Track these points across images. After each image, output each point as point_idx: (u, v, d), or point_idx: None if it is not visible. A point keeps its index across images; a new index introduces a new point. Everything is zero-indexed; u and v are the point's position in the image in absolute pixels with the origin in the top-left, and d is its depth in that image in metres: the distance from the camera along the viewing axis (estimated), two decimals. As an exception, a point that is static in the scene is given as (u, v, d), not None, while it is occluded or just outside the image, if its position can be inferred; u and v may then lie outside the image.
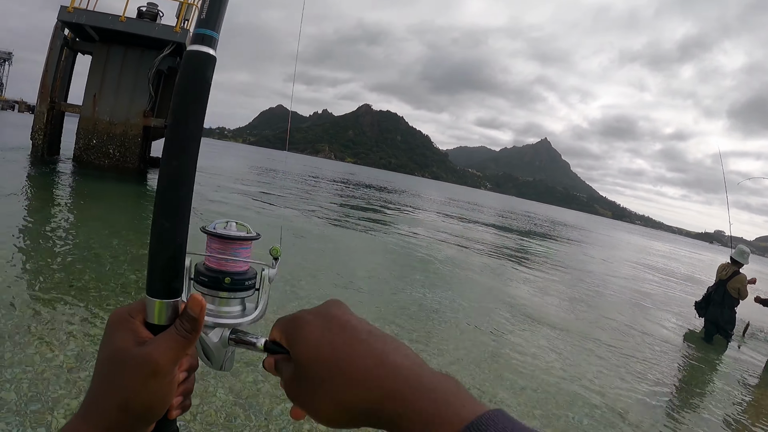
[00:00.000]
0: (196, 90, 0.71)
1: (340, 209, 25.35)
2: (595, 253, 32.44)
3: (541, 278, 15.76)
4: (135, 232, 11.86)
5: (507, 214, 62.99)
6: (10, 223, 10.13)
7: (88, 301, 6.77)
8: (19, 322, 5.69)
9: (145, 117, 22.33)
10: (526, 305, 11.35)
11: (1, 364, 4.75)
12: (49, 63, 21.11)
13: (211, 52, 0.71)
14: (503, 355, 7.89)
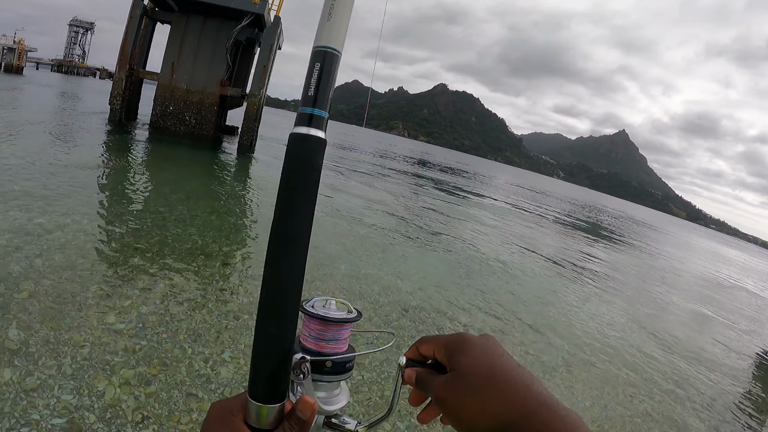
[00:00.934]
0: (305, 179, 0.64)
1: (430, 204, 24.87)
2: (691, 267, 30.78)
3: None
4: (205, 197, 11.86)
5: (587, 208, 60.99)
6: (85, 184, 10.25)
7: (152, 265, 6.65)
8: (83, 285, 5.56)
9: (222, 86, 22.54)
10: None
11: (61, 327, 4.59)
12: (128, 31, 21.59)
13: (322, 135, 0.65)
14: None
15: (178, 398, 4.02)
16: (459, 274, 9.93)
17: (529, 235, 18.38)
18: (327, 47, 0.67)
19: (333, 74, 0.67)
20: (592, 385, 6.28)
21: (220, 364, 4.60)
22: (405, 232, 12.62)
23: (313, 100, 0.65)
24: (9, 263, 5.67)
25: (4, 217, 7.12)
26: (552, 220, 27.83)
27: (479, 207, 23.79)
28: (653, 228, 59.98)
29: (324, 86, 0.66)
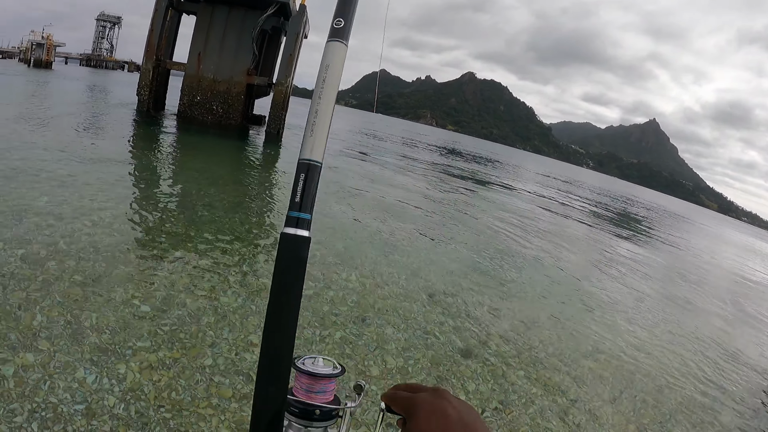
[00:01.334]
0: (294, 271, 0.78)
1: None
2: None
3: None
4: (232, 183, 11.86)
5: (619, 199, 59.96)
6: (113, 171, 10.26)
7: (179, 247, 6.60)
8: (108, 267, 5.51)
9: (249, 75, 22.58)
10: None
11: (85, 309, 4.52)
12: (154, 22, 21.72)
13: (306, 234, 0.78)
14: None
15: (200, 383, 3.91)
16: (487, 263, 9.71)
17: (561, 226, 18.01)
18: (310, 160, 0.81)
19: (315, 182, 0.81)
20: (620, 377, 6.04)
21: (245, 350, 4.49)
22: (435, 221, 12.41)
23: (299, 205, 0.79)
24: (35, 246, 5.64)
25: (33, 201, 7.13)
26: (584, 211, 27.32)
27: (509, 196, 23.44)
28: (687, 221, 58.71)
29: (307, 193, 0.80)
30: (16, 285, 4.69)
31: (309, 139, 0.82)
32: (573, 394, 5.13)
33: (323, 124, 0.83)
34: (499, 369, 5.25)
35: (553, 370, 5.58)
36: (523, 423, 4.39)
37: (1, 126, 12.44)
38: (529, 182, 37.05)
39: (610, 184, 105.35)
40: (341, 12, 0.88)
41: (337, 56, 0.86)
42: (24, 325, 4.11)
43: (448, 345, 5.54)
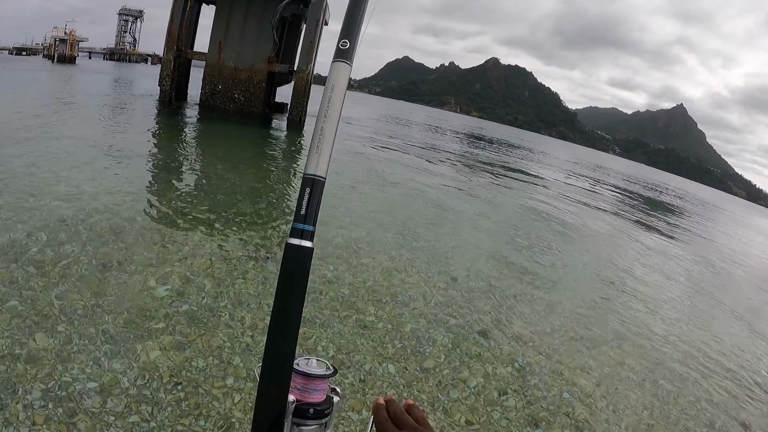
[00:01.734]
0: (298, 280, 0.83)
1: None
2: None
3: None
4: (254, 167, 11.93)
5: (647, 186, 58.97)
6: (137, 159, 10.37)
7: (198, 230, 6.64)
8: (127, 251, 5.55)
9: (270, 63, 22.59)
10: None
11: (103, 293, 4.55)
12: (174, 13, 21.83)
13: (310, 245, 0.83)
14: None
15: (213, 364, 3.91)
16: (514, 250, 9.58)
17: (591, 214, 17.72)
18: (315, 175, 0.86)
19: (319, 196, 0.86)
20: (643, 365, 5.90)
21: (262, 332, 4.48)
22: (460, 208, 12.27)
23: (304, 218, 0.84)
24: (56, 230, 5.70)
25: (54, 187, 7.21)
26: (613, 199, 26.87)
27: (537, 185, 23.12)
28: (717, 209, 57.40)
29: (312, 206, 0.85)
30: (37, 270, 4.73)
31: (314, 156, 0.87)
32: (594, 379, 5.03)
33: (328, 142, 0.88)
34: (519, 352, 5.17)
35: (575, 354, 5.48)
36: (542, 408, 4.31)
37: (29, 119, 12.63)
38: (556, 169, 36.52)
39: (637, 170, 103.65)
40: (347, 33, 0.91)
41: (341, 76, 0.89)
42: (41, 308, 4.15)
43: (467, 326, 5.47)
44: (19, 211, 6.11)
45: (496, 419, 4.01)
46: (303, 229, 0.83)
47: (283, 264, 0.83)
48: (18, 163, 8.15)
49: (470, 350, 4.98)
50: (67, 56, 52.82)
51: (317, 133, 0.88)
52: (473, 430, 3.84)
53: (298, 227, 0.84)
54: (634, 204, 26.43)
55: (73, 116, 14.38)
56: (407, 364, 4.50)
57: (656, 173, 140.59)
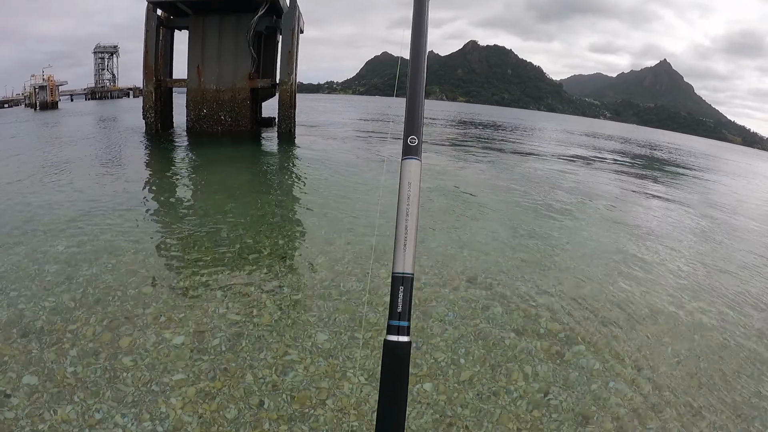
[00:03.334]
0: (399, 375, 0.84)
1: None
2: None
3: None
4: (252, 193, 11.73)
5: (642, 146, 58.68)
6: (131, 201, 10.18)
7: (205, 273, 6.43)
8: (136, 304, 5.37)
9: (251, 79, 22.46)
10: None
11: (117, 352, 4.38)
12: (148, 44, 21.68)
13: (407, 339, 0.87)
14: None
15: (244, 411, 3.74)
16: (522, 234, 9.37)
17: (590, 180, 17.53)
18: (404, 273, 0.88)
19: (410, 291, 0.88)
20: (681, 338, 5.71)
21: (286, 367, 4.30)
22: (461, 199, 12.07)
23: (399, 315, 0.87)
24: (60, 294, 5.53)
25: (52, 247, 7.04)
26: (611, 162, 26.71)
27: (530, 159, 22.95)
28: (715, 158, 57.23)
29: (405, 303, 0.88)
30: (48, 339, 4.56)
31: (401, 254, 0.88)
32: (636, 362, 4.84)
33: (411, 238, 0.90)
34: (554, 347, 4.98)
35: (610, 339, 5.28)
36: (589, 401, 4.13)
37: (19, 174, 12.47)
38: (550, 142, 36.32)
39: (630, 131, 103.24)
40: (412, 130, 0.93)
41: (414, 173, 0.90)
42: (58, 379, 3.98)
43: (499, 328, 5.28)
44: (21, 279, 5.96)
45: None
46: (399, 325, 0.86)
47: (384, 360, 0.84)
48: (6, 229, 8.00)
49: (505, 354, 4.80)
50: (49, 102, 52.56)
51: (401, 231, 0.89)
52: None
53: (395, 324, 0.87)
54: (635, 165, 26.20)
55: (63, 167, 14.19)
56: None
57: (650, 132, 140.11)
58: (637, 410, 4.07)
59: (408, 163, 0.90)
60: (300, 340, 4.77)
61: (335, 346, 4.68)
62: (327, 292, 5.92)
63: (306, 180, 13.76)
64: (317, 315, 5.31)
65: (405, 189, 0.89)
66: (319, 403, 3.87)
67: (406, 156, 0.91)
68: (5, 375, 4.02)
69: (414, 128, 0.93)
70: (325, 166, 15.68)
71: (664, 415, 4.03)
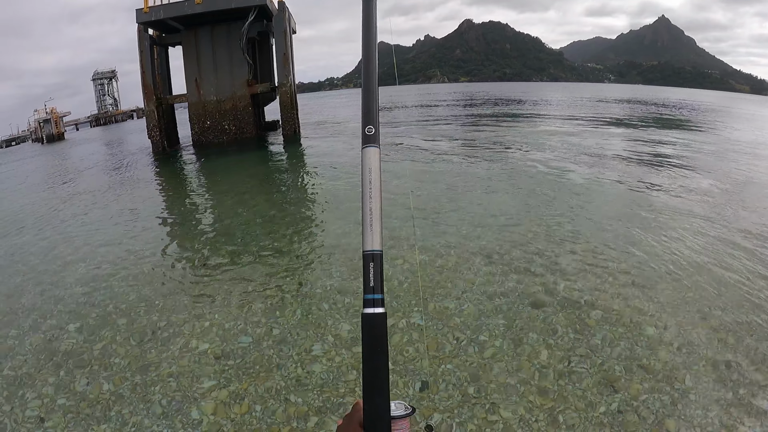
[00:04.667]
0: (379, 344, 0.90)
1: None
2: None
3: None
4: (263, 196, 11.85)
5: (650, 105, 57.84)
6: (146, 218, 10.34)
7: (225, 277, 6.54)
8: (160, 317, 5.47)
9: (250, 86, 22.52)
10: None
11: (146, 366, 4.48)
12: (143, 64, 21.78)
13: (382, 310, 0.91)
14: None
15: (275, 408, 3.80)
16: (537, 204, 9.33)
17: (604, 147, 17.32)
18: (373, 251, 0.93)
19: (381, 266, 0.93)
20: (704, 294, 5.65)
21: (312, 362, 4.37)
22: (472, 175, 12.00)
23: (373, 289, 0.92)
24: (86, 315, 5.64)
25: (74, 273, 7.17)
26: (621, 125, 26.41)
27: (538, 131, 22.75)
28: (725, 110, 56.20)
29: (377, 277, 0.92)
30: (77, 361, 4.66)
31: (369, 233, 0.94)
32: (659, 323, 4.81)
33: (377, 218, 0.95)
34: (574, 314, 4.98)
35: (633, 299, 5.26)
36: (614, 366, 4.13)
37: (35, 206, 12.73)
38: (556, 114, 35.91)
39: (636, 92, 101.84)
40: (369, 120, 0.99)
41: (374, 159, 0.98)
42: (92, 398, 4.07)
43: (518, 302, 5.29)
44: (46, 302, 6.10)
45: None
46: (374, 298, 0.91)
47: (363, 332, 0.90)
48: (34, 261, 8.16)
49: (527, 324, 4.81)
50: (55, 134, 53.01)
51: (366, 213, 0.96)
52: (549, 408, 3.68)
53: (369, 297, 0.91)
54: (644, 126, 25.85)
55: (74, 196, 14.42)
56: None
57: (656, 90, 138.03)
58: (663, 371, 4.05)
59: (367, 151, 0.97)
60: (322, 334, 4.82)
61: (357, 337, 4.73)
62: (346, 284, 5.97)
63: (314, 177, 13.82)
64: (338, 308, 5.36)
65: (366, 174, 0.97)
66: (348, 392, 3.93)
67: (366, 144, 0.98)
68: (40, 398, 4.13)
69: (370, 118, 0.98)
70: (332, 161, 15.72)
71: (693, 372, 4.01)
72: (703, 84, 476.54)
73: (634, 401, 3.70)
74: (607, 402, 3.71)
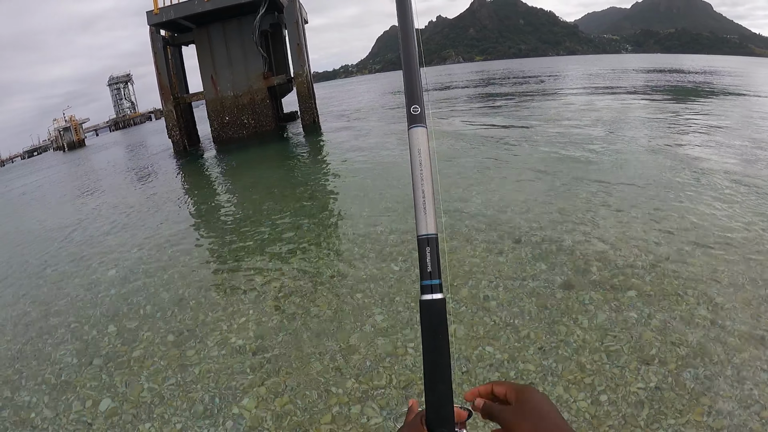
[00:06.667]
0: (439, 332, 0.88)
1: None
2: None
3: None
4: (287, 188, 11.85)
5: (671, 74, 56.68)
6: (173, 217, 10.47)
7: (257, 272, 6.58)
8: (195, 315, 5.54)
9: (266, 79, 22.54)
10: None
11: (185, 365, 4.54)
12: (158, 65, 21.93)
13: (441, 296, 0.88)
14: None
15: (315, 399, 3.83)
16: (560, 184, 9.21)
17: (626, 122, 17.04)
18: (428, 234, 0.90)
19: (437, 251, 0.89)
20: (736, 264, 5.54)
21: (350, 352, 4.39)
22: (494, 158, 11.89)
23: (430, 274, 0.88)
24: (122, 319, 5.72)
25: (105, 276, 7.29)
26: (644, 97, 25.93)
27: (557, 107, 22.44)
28: (745, 75, 54.91)
29: (434, 262, 0.89)
30: (117, 364, 4.75)
31: (422, 217, 0.90)
32: (692, 297, 4.73)
33: (430, 201, 0.91)
34: (609, 294, 4.92)
35: (662, 277, 5.18)
36: (650, 341, 4.08)
37: (64, 214, 12.99)
38: (573, 88, 35.40)
39: (655, 61, 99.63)
40: (413, 99, 0.95)
41: (422, 140, 0.93)
42: (134, 399, 4.15)
43: (548, 284, 5.25)
44: (81, 308, 6.21)
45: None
46: (432, 284, 0.88)
47: (422, 319, 0.87)
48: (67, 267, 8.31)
49: (558, 307, 4.78)
50: (76, 141, 53.77)
51: (419, 195, 0.92)
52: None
53: (428, 284, 0.88)
54: (666, 97, 25.37)
55: (101, 199, 14.66)
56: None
57: (675, 58, 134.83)
58: (699, 346, 4.00)
59: (414, 131, 0.93)
60: (359, 324, 4.84)
61: (392, 325, 4.74)
62: (379, 273, 5.98)
63: (337, 166, 13.83)
64: (372, 298, 5.37)
65: (416, 156, 0.92)
66: (386, 383, 3.94)
67: (412, 125, 0.94)
68: (83, 403, 4.22)
69: (415, 98, 0.95)
70: (354, 149, 15.70)
71: (727, 347, 3.95)
72: (723, 49, 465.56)
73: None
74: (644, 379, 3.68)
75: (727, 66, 68.30)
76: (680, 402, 3.39)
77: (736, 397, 3.37)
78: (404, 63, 1.00)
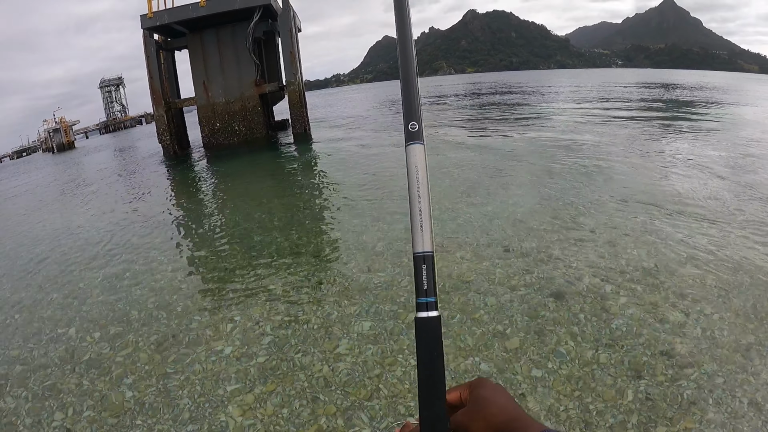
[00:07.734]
0: (434, 349, 0.86)
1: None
2: None
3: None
4: (277, 197, 11.83)
5: (661, 89, 57.28)
6: (161, 224, 10.35)
7: (245, 280, 6.54)
8: (180, 322, 5.48)
9: (258, 86, 22.52)
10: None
11: (170, 371, 4.49)
12: (150, 69, 21.83)
13: (436, 314, 0.87)
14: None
15: (301, 409, 3.79)
16: (552, 192, 9.27)
17: (616, 135, 17.17)
18: (424, 252, 0.88)
19: (433, 268, 0.88)
20: (724, 278, 5.59)
21: (337, 360, 4.36)
22: (484, 171, 11.94)
23: (426, 292, 0.87)
24: (107, 324, 5.66)
25: (92, 280, 7.21)
26: (631, 111, 26.16)
27: (543, 121, 22.57)
28: (735, 91, 55.64)
29: (430, 280, 0.88)
30: (99, 370, 4.69)
31: (419, 234, 0.89)
32: (682, 308, 4.75)
33: (426, 218, 0.91)
34: (598, 303, 4.94)
35: (652, 288, 5.20)
36: (640, 353, 4.09)
37: (49, 215, 12.85)
38: (563, 102, 35.62)
39: (644, 76, 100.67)
40: (411, 116, 0.93)
41: (420, 157, 0.92)
42: (116, 406, 4.09)
43: (538, 293, 5.26)
44: (66, 311, 6.14)
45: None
46: (427, 302, 0.87)
47: (417, 337, 0.86)
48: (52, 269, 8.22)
49: (548, 317, 4.77)
50: (65, 143, 53.24)
51: (415, 213, 0.91)
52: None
53: (422, 301, 0.87)
54: (656, 110, 25.62)
55: (89, 202, 14.54)
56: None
57: (664, 73, 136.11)
58: (689, 355, 4.01)
59: (412, 148, 0.93)
60: (346, 332, 4.81)
61: (380, 333, 4.72)
62: (367, 282, 5.96)
63: (327, 176, 13.80)
64: (360, 306, 5.34)
65: (413, 173, 0.92)
66: (374, 391, 3.91)
67: (410, 142, 0.93)
68: (64, 410, 4.16)
69: (412, 114, 0.94)
70: (344, 159, 15.71)
71: (717, 357, 3.97)
72: (712, 65, 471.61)
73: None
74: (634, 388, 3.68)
75: (716, 82, 68.94)
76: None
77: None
78: (402, 78, 0.99)
